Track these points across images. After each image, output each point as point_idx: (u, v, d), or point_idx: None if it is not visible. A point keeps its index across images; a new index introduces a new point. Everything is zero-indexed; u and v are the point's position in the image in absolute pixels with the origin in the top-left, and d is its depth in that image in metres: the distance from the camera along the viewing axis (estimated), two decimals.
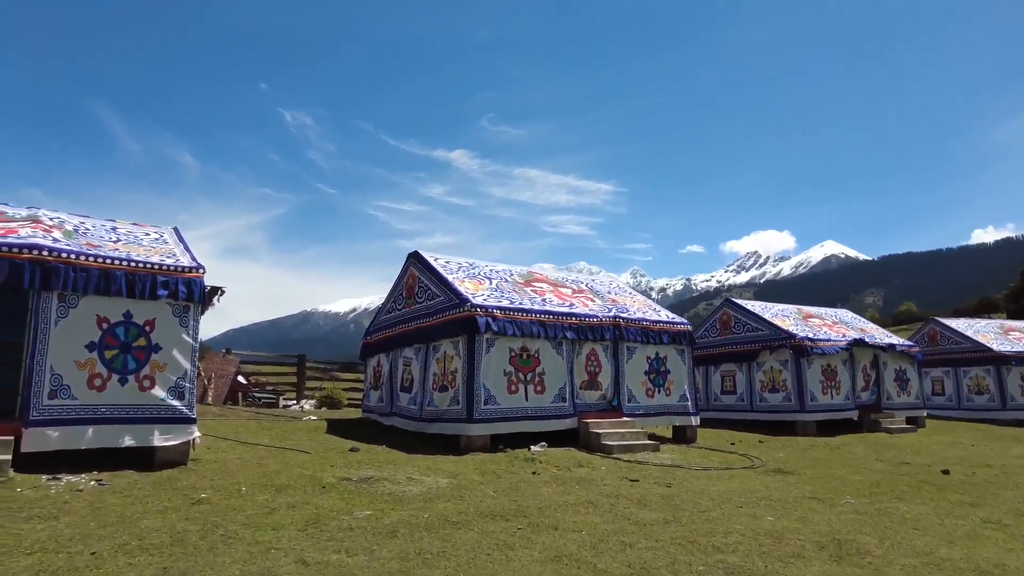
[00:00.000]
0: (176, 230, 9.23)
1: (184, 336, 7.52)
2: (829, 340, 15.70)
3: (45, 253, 6.81)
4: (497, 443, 9.89)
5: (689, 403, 12.38)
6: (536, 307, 10.83)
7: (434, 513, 5.86)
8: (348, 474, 7.46)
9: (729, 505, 6.82)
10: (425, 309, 11.44)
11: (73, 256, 6.95)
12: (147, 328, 7.30)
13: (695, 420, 12.45)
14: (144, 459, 7.28)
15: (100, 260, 7.10)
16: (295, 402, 17.74)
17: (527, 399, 10.30)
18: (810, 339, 15.35)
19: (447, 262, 12.14)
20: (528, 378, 10.40)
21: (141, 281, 7.22)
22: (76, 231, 7.96)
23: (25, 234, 7.10)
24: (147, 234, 8.77)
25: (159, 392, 7.26)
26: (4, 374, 6.95)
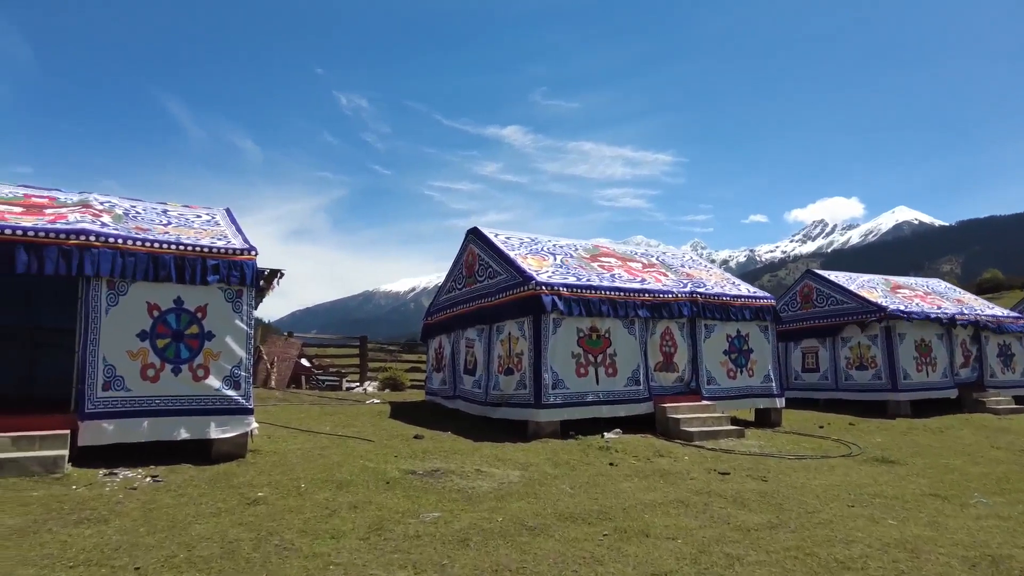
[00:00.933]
0: (228, 211, 8.88)
1: (238, 322, 7.13)
2: (922, 313, 14.38)
3: (92, 238, 6.48)
4: (567, 429, 9.27)
5: (774, 384, 11.45)
6: (605, 284, 10.09)
7: (508, 515, 5.28)
8: (413, 466, 6.97)
9: (838, 504, 6.01)
10: (486, 288, 10.86)
11: (121, 240, 6.61)
12: (199, 315, 6.93)
13: (780, 402, 11.54)
14: (202, 451, 6.96)
15: (148, 244, 6.74)
16: (358, 384, 17.57)
17: (598, 382, 9.61)
18: (902, 311, 14.08)
19: (508, 238, 11.49)
20: (599, 360, 9.70)
21: (191, 265, 6.84)
22: (126, 215, 7.66)
23: (74, 219, 6.81)
24: (198, 216, 8.42)
25: (214, 382, 6.90)
26: (61, 364, 6.74)
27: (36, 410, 6.42)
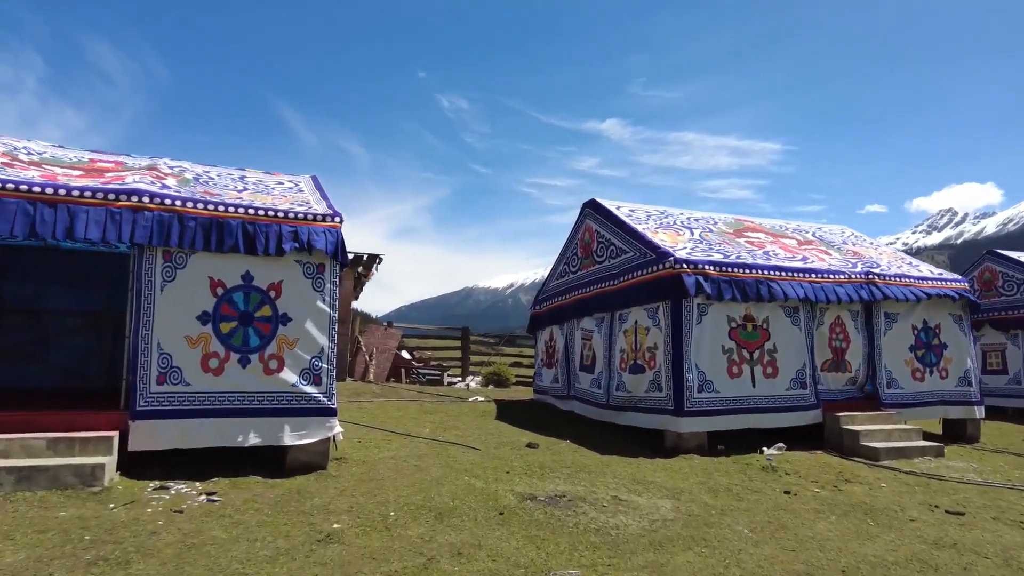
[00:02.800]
0: (315, 178, 7.69)
1: (319, 303, 5.84)
2: None
3: (146, 199, 5.36)
4: (714, 442, 7.47)
5: (972, 388, 9.10)
6: (760, 262, 8.16)
7: None
8: (531, 487, 5.44)
9: None
10: (608, 270, 9.18)
11: (179, 203, 5.45)
12: (272, 294, 5.69)
13: (980, 412, 9.16)
14: (276, 459, 5.74)
15: (212, 207, 5.55)
16: (460, 379, 16.35)
17: (755, 385, 7.72)
18: None
19: (632, 210, 9.75)
20: (755, 356, 7.80)
21: (262, 233, 5.60)
22: (196, 180, 6.57)
23: (131, 181, 5.74)
24: (280, 183, 7.27)
25: (289, 376, 5.64)
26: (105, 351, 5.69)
27: (82, 405, 5.40)
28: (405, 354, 17.47)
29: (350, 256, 13.95)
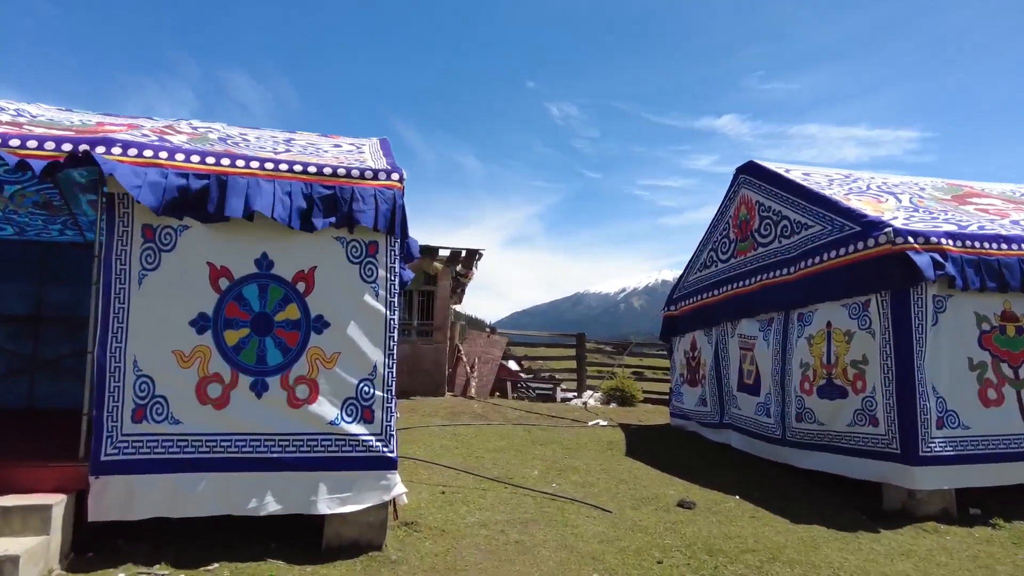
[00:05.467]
0: (384, 141, 5.89)
1: (370, 299, 3.96)
2: None
3: (116, 150, 3.68)
4: (963, 501, 4.94)
5: None
6: (1019, 233, 5.51)
7: None
8: None
9: None
10: (778, 253, 6.79)
11: (165, 154, 3.73)
12: (300, 287, 3.86)
13: None
14: (311, 530, 3.90)
15: (212, 161, 3.80)
16: (575, 395, 14.20)
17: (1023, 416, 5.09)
18: None
19: (807, 173, 7.29)
20: (1019, 375, 5.16)
21: (285, 195, 3.78)
22: (223, 140, 4.91)
23: (114, 135, 4.10)
24: (337, 146, 5.51)
25: (325, 409, 3.77)
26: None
27: (30, 451, 3.78)
28: (512, 365, 15.57)
29: (445, 253, 12.21)
